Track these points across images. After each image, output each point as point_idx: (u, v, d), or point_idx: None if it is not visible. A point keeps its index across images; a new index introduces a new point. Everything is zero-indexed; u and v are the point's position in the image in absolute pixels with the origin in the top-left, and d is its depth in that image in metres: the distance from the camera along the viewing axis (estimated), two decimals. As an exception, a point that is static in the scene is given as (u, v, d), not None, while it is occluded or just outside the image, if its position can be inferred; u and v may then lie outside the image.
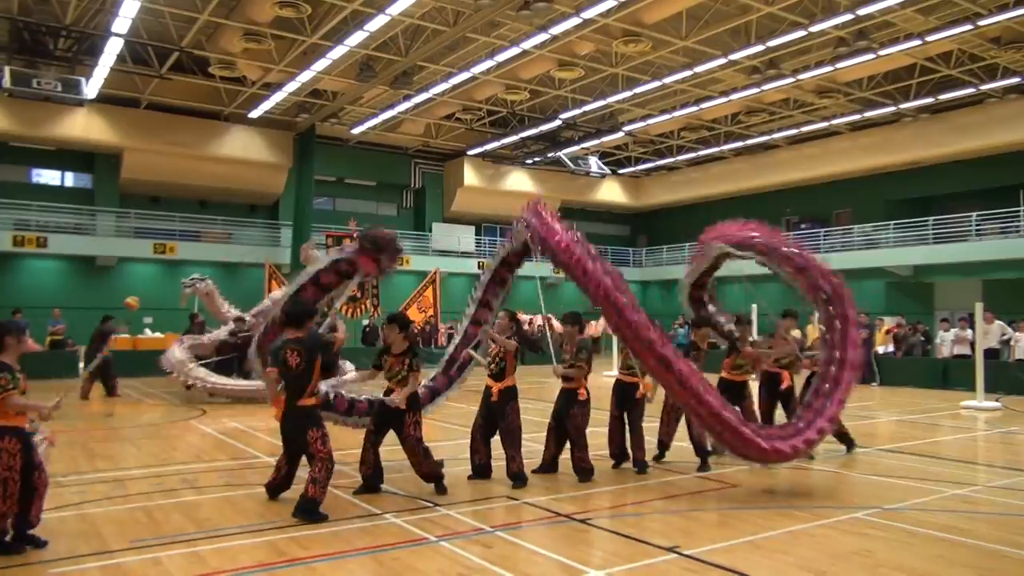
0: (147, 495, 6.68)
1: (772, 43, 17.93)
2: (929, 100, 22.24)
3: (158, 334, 21.95)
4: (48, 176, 25.36)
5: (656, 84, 21.27)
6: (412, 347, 6.82)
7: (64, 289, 23.43)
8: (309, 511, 5.78)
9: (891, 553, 5.17)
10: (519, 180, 31.38)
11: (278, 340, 6.71)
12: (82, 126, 23.03)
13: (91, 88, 20.03)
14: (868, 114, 23.98)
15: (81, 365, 17.58)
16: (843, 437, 8.89)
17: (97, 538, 5.32)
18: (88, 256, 24.00)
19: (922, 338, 19.82)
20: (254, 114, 24.22)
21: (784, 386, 8.73)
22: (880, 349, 19.87)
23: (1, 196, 22.89)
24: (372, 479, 6.70)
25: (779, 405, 8.89)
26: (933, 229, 24.23)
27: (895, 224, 25.47)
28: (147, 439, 10.07)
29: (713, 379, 8.67)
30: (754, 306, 16.44)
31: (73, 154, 24.74)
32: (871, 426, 11.58)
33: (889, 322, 21.05)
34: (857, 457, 8.75)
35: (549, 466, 7.58)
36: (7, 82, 17.89)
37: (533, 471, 7.47)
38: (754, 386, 8.81)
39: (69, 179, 25.63)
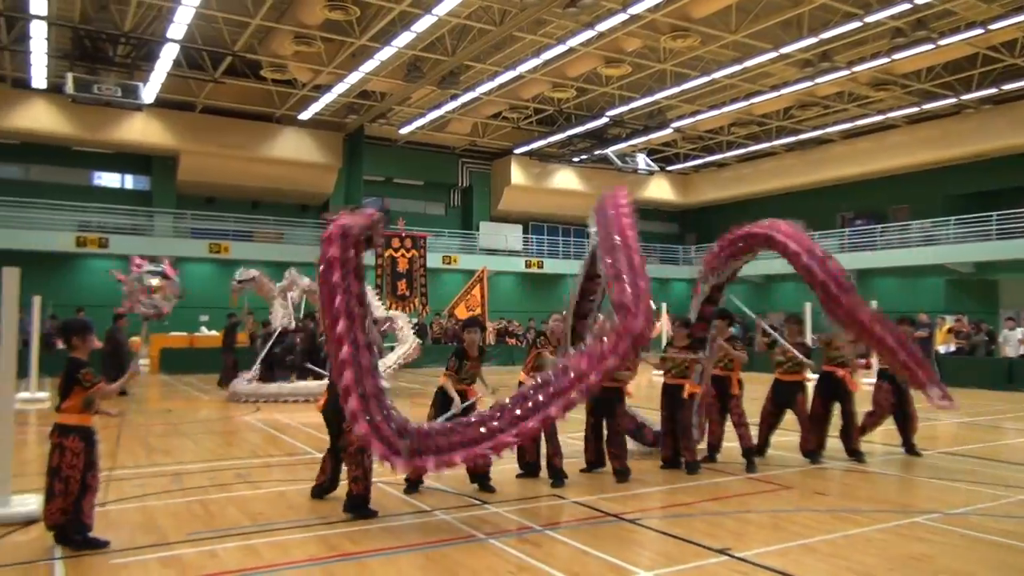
0: (203, 489, 6.84)
1: (825, 35, 17.54)
2: (992, 91, 21.51)
3: (213, 332, 22.51)
4: (108, 179, 26.20)
5: (705, 79, 21.00)
6: (483, 349, 6.93)
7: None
8: (358, 507, 5.85)
9: (952, 559, 5.00)
10: (566, 178, 31.31)
11: None
12: (140, 130, 23.74)
13: (148, 93, 20.64)
14: (927, 106, 23.28)
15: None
16: (909, 444, 8.66)
17: (156, 530, 5.46)
18: (147, 256, 24.67)
19: (985, 337, 19.16)
20: (305, 116, 24.65)
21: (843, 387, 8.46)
22: (941, 348, 19.27)
23: (65, 198, 23.73)
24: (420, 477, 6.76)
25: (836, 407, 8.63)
26: (996, 224, 23.39)
27: (956, 220, 24.67)
28: (203, 434, 10.33)
29: (767, 380, 8.54)
30: (808, 304, 16.13)
31: (132, 157, 25.51)
32: (932, 428, 11.23)
33: (950, 321, 20.42)
34: (917, 460, 8.50)
35: (596, 464, 7.56)
36: (70, 88, 18.54)
37: (581, 471, 7.44)
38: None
39: (128, 181, 26.44)
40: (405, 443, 5.43)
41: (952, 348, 19.45)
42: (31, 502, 5.82)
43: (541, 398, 5.71)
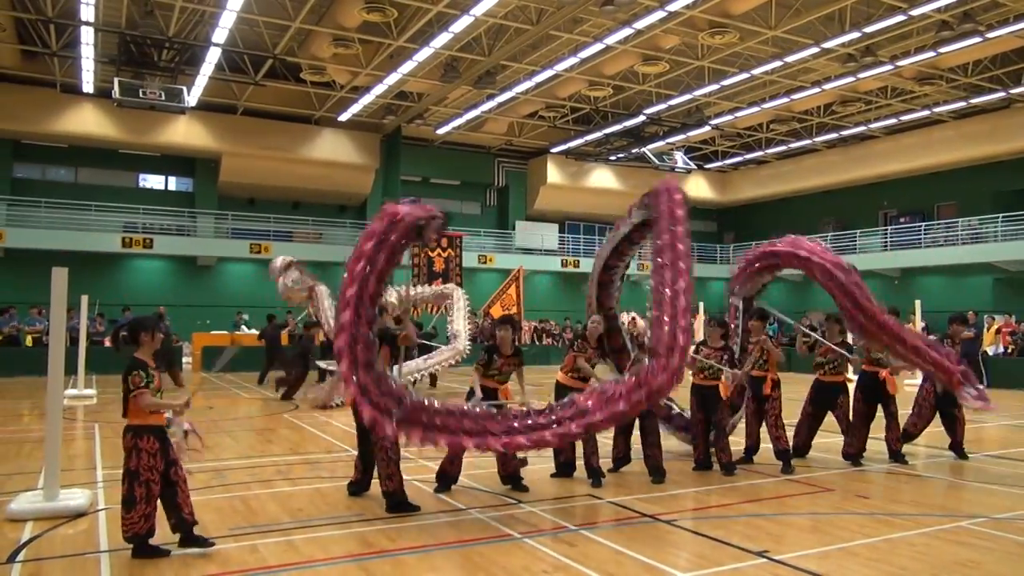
0: (245, 485, 6.96)
1: (869, 29, 17.18)
2: (1042, 84, 20.88)
3: (254, 331, 22.86)
4: (153, 181, 26.79)
5: (744, 76, 20.74)
6: (518, 348, 6.93)
7: (168, 287, 24.70)
8: (398, 505, 5.93)
9: (1000, 565, 4.87)
10: (603, 177, 31.17)
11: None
12: (183, 132, 24.23)
13: (192, 96, 21.06)
14: (974, 101, 22.69)
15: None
16: (957, 446, 8.50)
17: (198, 525, 5.56)
18: (190, 256, 25.23)
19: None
20: (343, 117, 24.92)
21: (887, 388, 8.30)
22: (989, 349, 18.77)
23: (112, 200, 24.33)
24: (453, 476, 6.80)
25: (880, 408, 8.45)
26: (1048, 221, 22.73)
27: (1004, 217, 24.01)
28: (244, 431, 10.52)
29: (807, 380, 8.42)
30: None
31: (176, 159, 26.05)
32: (979, 430, 10.94)
33: (1000, 321, 19.87)
34: (961, 463, 8.30)
35: (621, 462, 7.53)
36: (116, 93, 18.99)
37: (608, 471, 7.40)
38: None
39: (172, 183, 27.00)
40: (396, 409, 5.44)
41: (1000, 349, 18.93)
42: (79, 496, 5.99)
43: (556, 416, 5.70)
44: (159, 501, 4.85)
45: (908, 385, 9.11)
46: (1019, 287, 24.13)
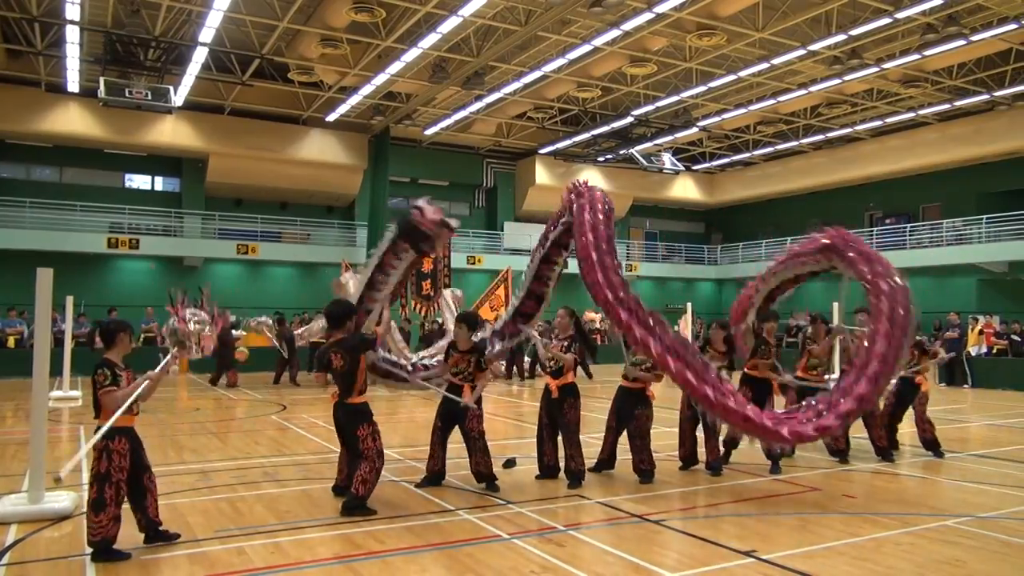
0: (231, 487, 6.92)
1: (854, 32, 17.28)
2: (1026, 87, 21.06)
3: (241, 332, 22.71)
4: (139, 181, 26.57)
5: (731, 78, 20.81)
6: (479, 346, 6.87)
7: (155, 288, 24.45)
8: (355, 508, 5.86)
9: (985, 564, 4.92)
10: (591, 178, 30.83)
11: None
12: (170, 133, 24.04)
13: (179, 96, 20.90)
14: (959, 103, 22.86)
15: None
16: (932, 443, 8.57)
17: (184, 527, 5.53)
18: (176, 256, 25.05)
19: (1018, 338, 18.80)
20: (331, 117, 24.83)
21: None
22: (973, 350, 18.93)
23: (97, 200, 24.13)
24: (438, 474, 6.80)
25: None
26: (1031, 223, 22.93)
27: (988, 218, 24.23)
28: (230, 433, 10.45)
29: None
30: (835, 304, 15.94)
31: (162, 159, 25.85)
32: (963, 430, 11.05)
33: (982, 321, 20.05)
34: (947, 462, 8.37)
35: (605, 464, 7.52)
36: (102, 92, 18.84)
37: (589, 469, 7.38)
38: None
39: (159, 183, 26.79)
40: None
41: (984, 349, 19.10)
42: (64, 499, 5.94)
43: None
44: (127, 501, 4.94)
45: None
46: (1002, 288, 24.36)
